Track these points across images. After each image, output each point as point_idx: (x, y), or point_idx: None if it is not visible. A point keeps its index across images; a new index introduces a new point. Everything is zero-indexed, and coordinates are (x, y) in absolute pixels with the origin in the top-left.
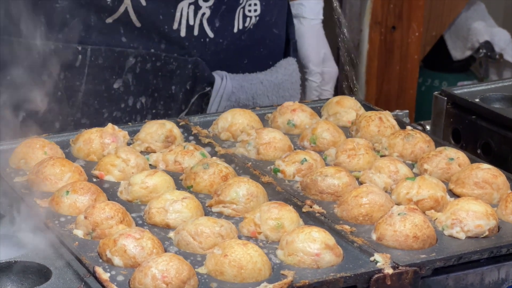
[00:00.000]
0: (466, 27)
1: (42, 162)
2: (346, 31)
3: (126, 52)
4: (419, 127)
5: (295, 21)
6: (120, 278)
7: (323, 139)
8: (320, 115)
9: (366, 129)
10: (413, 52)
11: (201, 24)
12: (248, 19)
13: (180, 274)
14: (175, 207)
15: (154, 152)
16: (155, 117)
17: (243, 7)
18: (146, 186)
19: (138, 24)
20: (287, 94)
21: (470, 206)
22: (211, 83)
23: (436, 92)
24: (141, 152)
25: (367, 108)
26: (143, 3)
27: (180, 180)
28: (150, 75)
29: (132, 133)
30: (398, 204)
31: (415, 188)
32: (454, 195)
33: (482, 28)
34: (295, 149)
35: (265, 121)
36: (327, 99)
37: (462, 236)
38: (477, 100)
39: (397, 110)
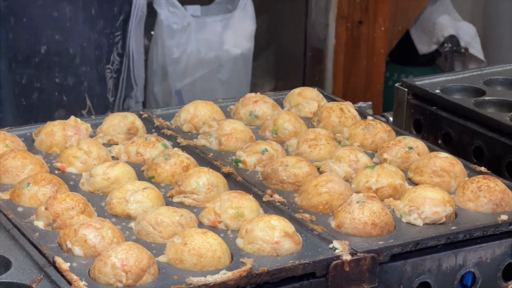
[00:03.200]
0: (432, 21)
1: (3, 154)
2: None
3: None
4: (383, 119)
5: None
6: (80, 267)
7: (285, 130)
8: (282, 107)
9: (328, 119)
10: (380, 46)
11: None
12: None
13: (140, 262)
14: (136, 197)
15: (117, 144)
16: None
17: None
18: (107, 177)
19: None
20: None
21: (427, 193)
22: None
23: (397, 84)
24: (104, 144)
25: (329, 99)
26: None
27: (142, 171)
28: None
29: (95, 126)
30: (358, 192)
31: (374, 176)
32: (413, 183)
33: (448, 22)
34: (256, 140)
35: (227, 113)
36: (288, 90)
37: (419, 222)
38: (437, 91)
39: (361, 102)
